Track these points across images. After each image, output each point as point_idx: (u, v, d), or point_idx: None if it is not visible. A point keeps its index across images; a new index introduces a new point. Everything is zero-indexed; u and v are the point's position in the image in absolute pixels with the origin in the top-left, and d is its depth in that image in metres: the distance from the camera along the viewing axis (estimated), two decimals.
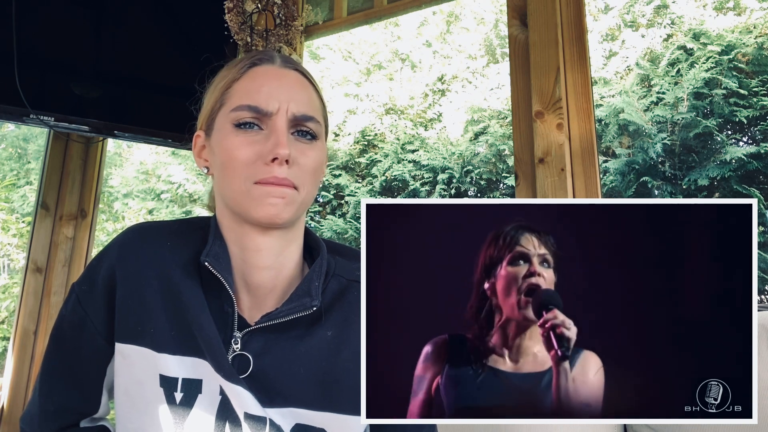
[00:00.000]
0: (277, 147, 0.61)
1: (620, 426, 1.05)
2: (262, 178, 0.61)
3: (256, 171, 0.62)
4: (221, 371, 0.62)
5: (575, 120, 1.34)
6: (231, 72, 0.68)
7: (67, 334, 0.69)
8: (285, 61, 0.69)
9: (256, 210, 0.62)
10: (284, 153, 0.61)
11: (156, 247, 0.68)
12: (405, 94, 6.16)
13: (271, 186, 0.61)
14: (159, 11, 1.78)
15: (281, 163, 0.61)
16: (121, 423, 0.67)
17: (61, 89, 1.62)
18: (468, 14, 6.11)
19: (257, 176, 0.61)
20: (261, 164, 0.62)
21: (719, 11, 4.71)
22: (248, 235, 0.66)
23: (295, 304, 0.64)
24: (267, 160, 0.61)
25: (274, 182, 0.61)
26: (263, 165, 0.61)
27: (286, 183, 0.61)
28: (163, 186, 6.27)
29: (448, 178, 5.27)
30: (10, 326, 3.95)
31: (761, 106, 4.12)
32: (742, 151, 4.06)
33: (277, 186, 0.61)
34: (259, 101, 0.63)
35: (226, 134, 0.64)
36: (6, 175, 6.68)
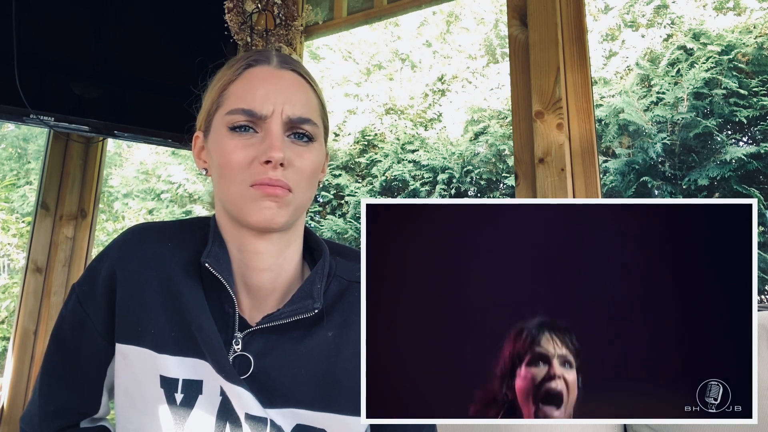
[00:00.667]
0: (271, 150, 0.60)
1: (620, 426, 1.05)
2: (257, 180, 0.61)
3: (251, 173, 0.61)
4: (222, 372, 0.62)
5: (575, 120, 1.34)
6: (227, 73, 0.67)
7: (68, 335, 0.69)
8: (282, 62, 0.68)
9: (251, 214, 0.61)
10: (278, 156, 0.60)
11: (156, 248, 0.68)
12: (405, 94, 6.16)
13: (265, 187, 0.61)
14: (159, 11, 1.78)
15: (275, 166, 0.61)
16: (121, 423, 0.67)
17: (61, 89, 1.62)
18: (468, 14, 6.10)
19: (252, 178, 0.61)
20: (256, 165, 0.61)
21: (719, 11, 4.71)
22: (246, 238, 0.66)
23: (297, 306, 0.65)
24: (261, 162, 0.61)
25: (269, 183, 0.61)
26: (258, 166, 0.61)
27: (280, 184, 0.61)
28: (163, 186, 6.26)
29: (448, 178, 5.27)
30: (10, 326, 3.94)
31: (761, 106, 4.12)
32: (742, 151, 4.06)
33: (272, 187, 0.61)
34: (253, 105, 0.63)
35: (221, 138, 0.64)
36: (6, 175, 6.67)
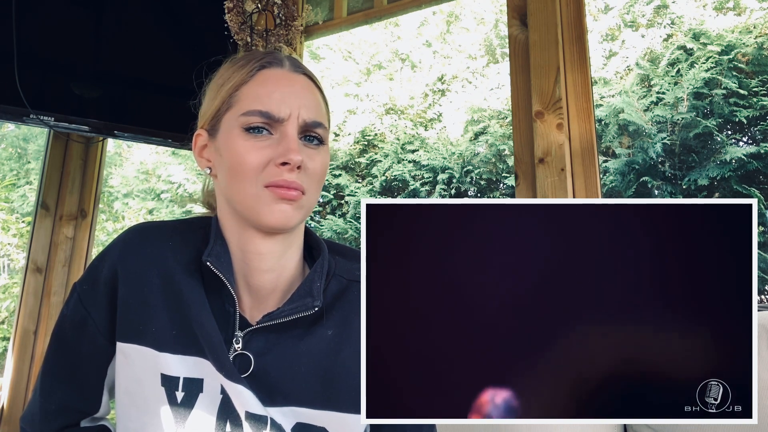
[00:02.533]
0: (289, 153, 0.61)
1: (620, 426, 1.05)
2: (272, 181, 0.61)
3: (266, 174, 0.62)
4: (222, 370, 0.62)
5: (575, 120, 1.34)
6: (238, 74, 0.67)
7: (69, 334, 0.70)
8: (294, 66, 0.69)
9: (266, 216, 0.62)
10: (297, 159, 0.61)
11: (157, 247, 0.68)
12: (405, 94, 6.16)
13: (281, 189, 0.61)
14: (159, 11, 1.78)
15: (292, 169, 0.62)
16: (122, 422, 0.67)
17: (61, 89, 1.62)
18: (468, 14, 6.10)
19: (267, 179, 0.62)
20: (272, 167, 0.62)
21: (719, 11, 4.71)
22: (250, 238, 0.66)
23: (297, 304, 0.65)
24: (277, 163, 0.62)
25: (284, 185, 0.61)
26: (273, 168, 0.62)
27: (296, 186, 0.62)
28: (163, 186, 6.26)
29: (448, 178, 5.27)
30: (10, 326, 3.95)
31: (761, 106, 4.12)
32: (742, 151, 4.06)
33: (287, 189, 0.61)
34: (270, 107, 0.63)
35: (234, 138, 0.64)
36: (6, 175, 6.68)
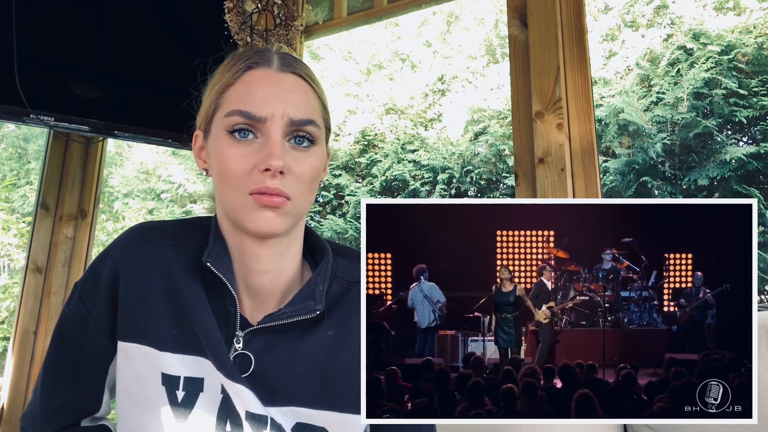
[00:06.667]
0: (270, 158, 0.59)
1: (620, 426, 1.05)
2: (255, 188, 0.60)
3: (251, 181, 0.61)
4: (223, 370, 0.62)
5: (575, 120, 1.34)
6: (226, 75, 0.66)
7: (70, 333, 0.70)
8: (282, 64, 0.66)
9: (251, 224, 0.61)
10: (277, 165, 0.59)
11: (158, 247, 0.68)
12: (405, 94, 6.15)
13: (263, 197, 0.60)
14: (159, 11, 1.78)
15: (274, 174, 0.60)
16: (123, 421, 0.67)
17: (61, 89, 1.62)
18: (468, 14, 6.10)
19: (251, 186, 0.61)
20: (256, 173, 0.61)
21: (719, 11, 4.71)
22: (246, 242, 0.66)
23: (299, 307, 0.65)
24: (260, 169, 0.60)
25: (266, 192, 0.60)
26: (258, 174, 0.60)
27: (278, 193, 0.60)
28: (163, 186, 6.26)
29: (448, 178, 5.27)
30: (10, 326, 3.95)
31: (761, 106, 4.12)
32: (742, 151, 4.06)
33: (270, 196, 0.60)
34: (252, 107, 0.62)
35: (221, 142, 0.63)
36: (6, 175, 6.67)
